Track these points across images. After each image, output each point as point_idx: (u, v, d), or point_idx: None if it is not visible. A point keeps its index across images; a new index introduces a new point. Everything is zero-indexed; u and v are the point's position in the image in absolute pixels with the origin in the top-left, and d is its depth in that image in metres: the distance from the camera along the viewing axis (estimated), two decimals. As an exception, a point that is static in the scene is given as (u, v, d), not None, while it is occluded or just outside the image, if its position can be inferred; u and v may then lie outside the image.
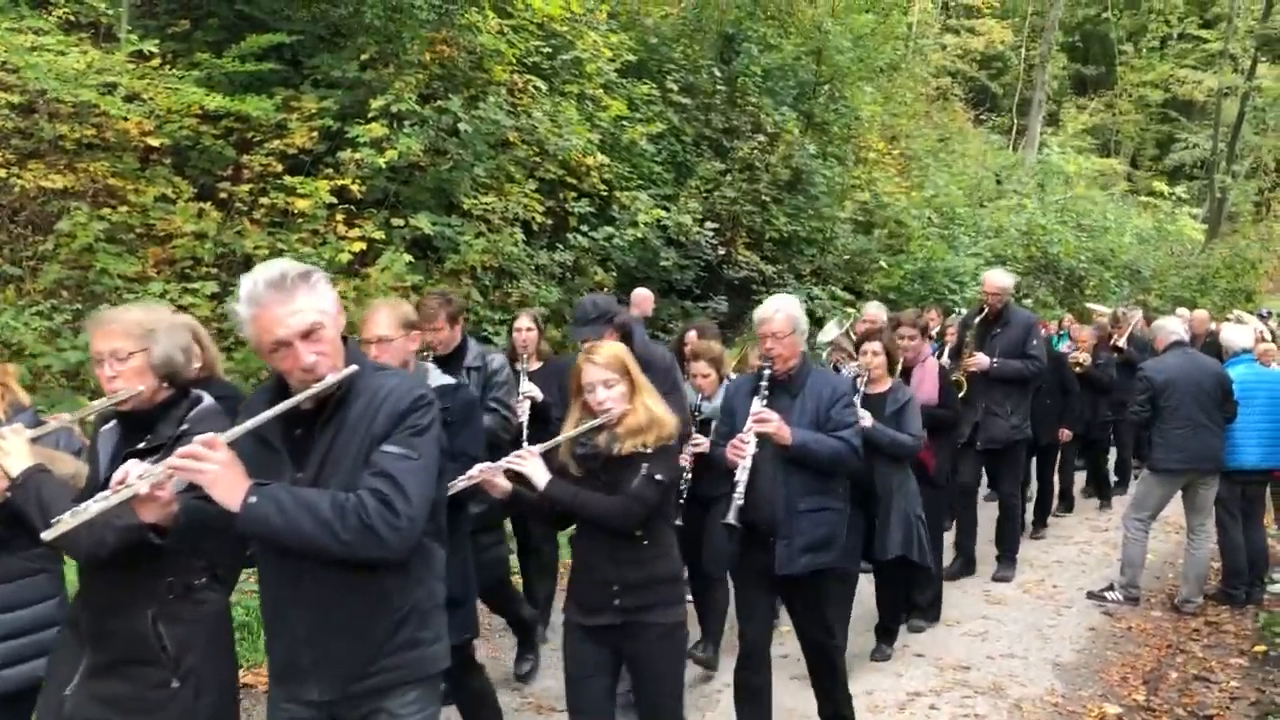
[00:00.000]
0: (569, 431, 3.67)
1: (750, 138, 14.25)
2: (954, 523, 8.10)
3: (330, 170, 9.12)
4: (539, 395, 5.66)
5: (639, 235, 11.45)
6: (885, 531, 5.73)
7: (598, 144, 11.47)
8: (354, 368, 2.65)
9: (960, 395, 7.37)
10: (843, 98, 17.22)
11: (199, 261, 8.15)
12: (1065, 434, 9.28)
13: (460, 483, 3.54)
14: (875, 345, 5.89)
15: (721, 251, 13.19)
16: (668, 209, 12.19)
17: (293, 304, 2.59)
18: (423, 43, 10.33)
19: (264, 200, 8.73)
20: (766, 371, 4.54)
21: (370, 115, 9.27)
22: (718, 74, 14.47)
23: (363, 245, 8.87)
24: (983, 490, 8.81)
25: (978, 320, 7.89)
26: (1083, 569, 8.31)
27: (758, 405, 4.43)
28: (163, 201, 8.31)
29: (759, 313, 4.67)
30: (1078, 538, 9.40)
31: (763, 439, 4.37)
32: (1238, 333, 8.04)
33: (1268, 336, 10.46)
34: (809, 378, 4.62)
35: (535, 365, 6.02)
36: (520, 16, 11.51)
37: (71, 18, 8.96)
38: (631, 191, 12.00)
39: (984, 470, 8.36)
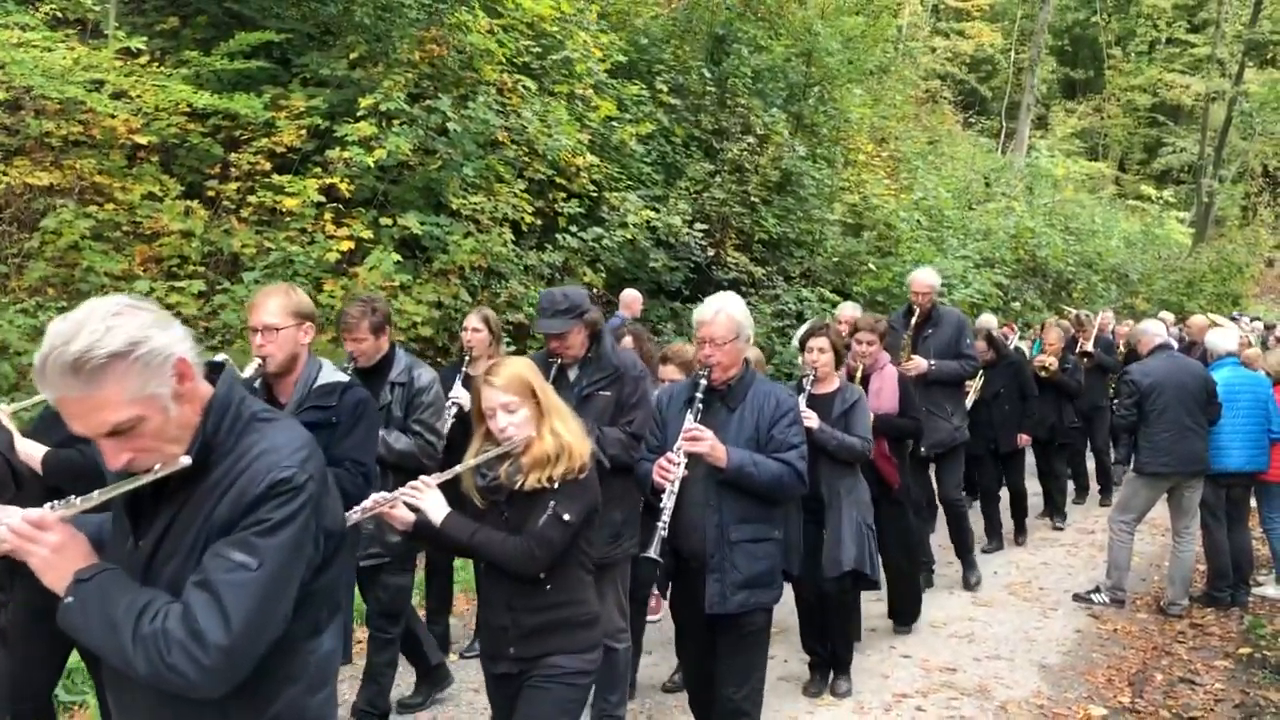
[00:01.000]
0: (468, 461, 3.32)
1: (740, 139, 14.24)
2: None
3: (318, 169, 9.08)
4: (467, 404, 5.00)
5: (628, 236, 11.43)
6: (837, 544, 5.30)
7: (587, 144, 11.45)
8: (181, 462, 2.00)
9: None
10: (832, 100, 17.23)
11: (186, 260, 8.11)
12: (1024, 439, 9.10)
13: (355, 515, 3.19)
14: (820, 342, 5.50)
15: (711, 253, 13.18)
16: (657, 210, 12.18)
17: (92, 398, 1.93)
18: (412, 42, 10.30)
19: (252, 199, 8.69)
20: (702, 381, 4.07)
21: (359, 114, 9.24)
22: (707, 75, 14.46)
23: (351, 244, 8.84)
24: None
25: (911, 322, 7.60)
26: (1069, 571, 8.33)
27: (690, 421, 3.98)
28: (150, 199, 8.27)
29: (697, 314, 4.22)
30: (1064, 540, 9.43)
31: (694, 459, 3.94)
32: (1223, 336, 8.08)
33: (1252, 340, 10.57)
34: (751, 389, 4.16)
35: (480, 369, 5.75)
36: (510, 16, 11.49)
37: (58, 14, 8.90)
38: (621, 192, 11.99)
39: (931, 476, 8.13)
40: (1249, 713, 5.63)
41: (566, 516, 3.20)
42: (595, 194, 11.63)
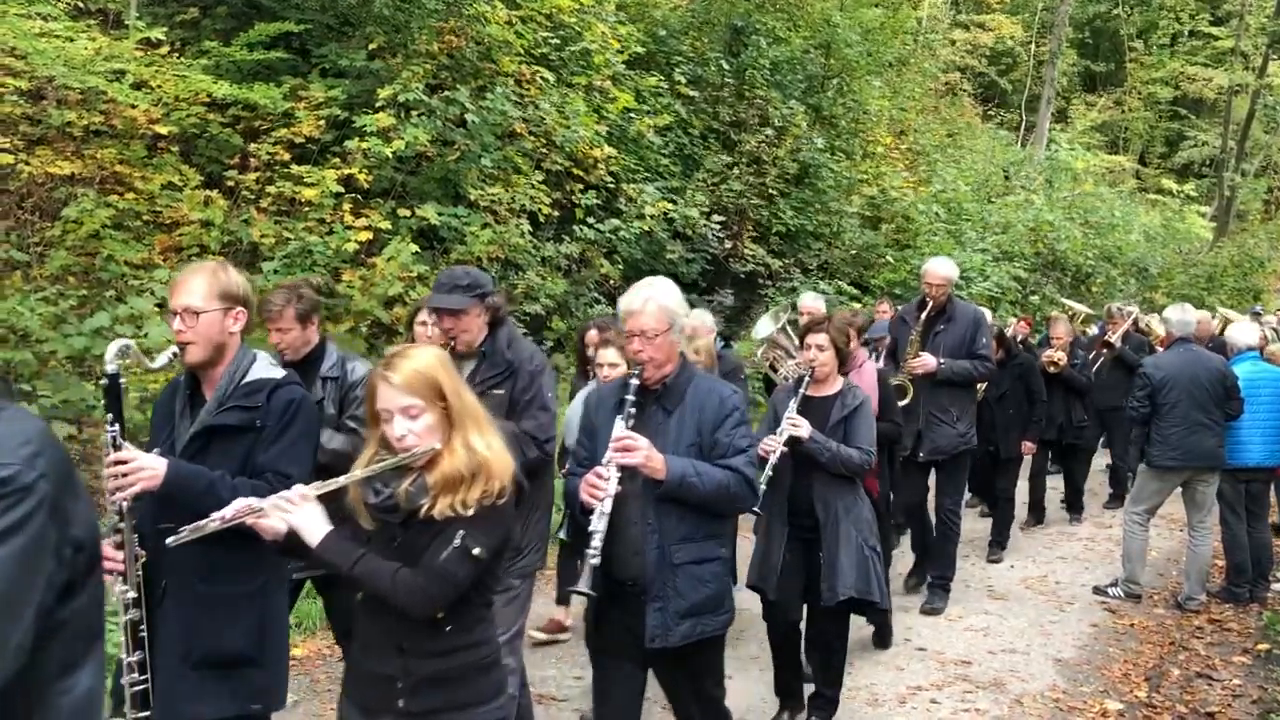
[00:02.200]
0: (357, 471, 2.72)
1: (758, 131, 14.22)
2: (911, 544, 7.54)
3: (337, 160, 9.12)
4: None
5: (645, 228, 11.45)
6: (833, 569, 4.71)
7: (605, 136, 11.47)
8: None
9: (903, 402, 6.64)
10: (851, 92, 17.18)
11: (205, 249, 8.16)
12: (1029, 446, 8.59)
13: (213, 522, 2.68)
14: (820, 338, 4.93)
15: (728, 245, 13.18)
16: (674, 202, 12.19)
17: None
18: (431, 33, 10.32)
19: (271, 189, 8.73)
20: (633, 382, 3.53)
21: (378, 105, 9.27)
22: (726, 67, 14.43)
23: (369, 235, 8.88)
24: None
25: (921, 316, 6.92)
26: (1086, 565, 8.30)
27: (620, 427, 3.43)
28: (170, 189, 8.32)
29: (623, 303, 3.69)
30: (1081, 534, 9.39)
31: (628, 471, 3.43)
32: (1243, 330, 8.01)
33: (1269, 335, 10.25)
34: (690, 387, 3.61)
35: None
36: (529, 7, 11.50)
37: (80, 4, 8.97)
38: (638, 184, 12.00)
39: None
40: (1267, 708, 5.60)
41: (476, 551, 2.61)
42: (612, 185, 11.64)
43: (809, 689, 5.16)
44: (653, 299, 3.58)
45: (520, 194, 10.28)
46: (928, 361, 6.72)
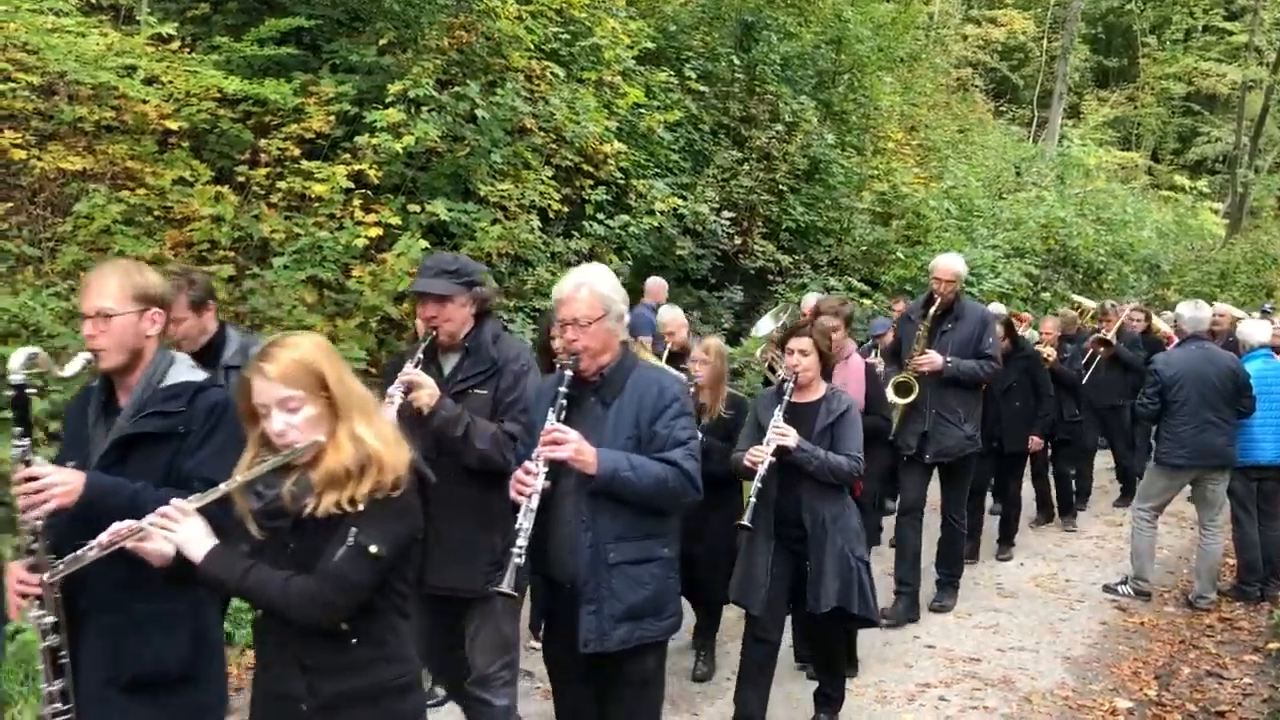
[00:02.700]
0: (237, 476, 2.50)
1: (768, 126, 14.20)
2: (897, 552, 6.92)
3: (347, 155, 9.12)
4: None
5: (655, 224, 11.43)
6: (819, 579, 4.61)
7: (615, 131, 11.45)
8: None
9: (908, 399, 6.56)
10: (862, 87, 17.14)
11: (216, 245, 8.17)
12: (1036, 442, 8.42)
13: (91, 551, 2.47)
14: (803, 342, 4.74)
15: (738, 241, 13.17)
16: (684, 198, 12.18)
17: None
18: (441, 28, 10.32)
19: (281, 184, 8.74)
20: (567, 373, 3.40)
21: (388, 101, 9.28)
22: (736, 62, 14.40)
23: (379, 231, 8.88)
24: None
25: (928, 314, 6.69)
26: (1096, 563, 8.28)
27: (551, 420, 3.30)
28: (180, 184, 8.33)
29: (555, 290, 3.54)
30: (1092, 532, 9.37)
31: (561, 467, 3.29)
32: (1255, 328, 7.98)
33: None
34: (631, 378, 3.46)
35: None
36: (539, 3, 11.49)
37: (91, 0, 8.98)
38: (648, 180, 11.98)
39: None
40: (1276, 707, 5.58)
41: (373, 549, 2.41)
42: (622, 181, 11.63)
43: (811, 686, 5.18)
44: (586, 284, 3.43)
45: (530, 190, 10.27)
46: (934, 359, 6.50)
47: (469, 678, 4.01)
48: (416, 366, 3.81)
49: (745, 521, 4.52)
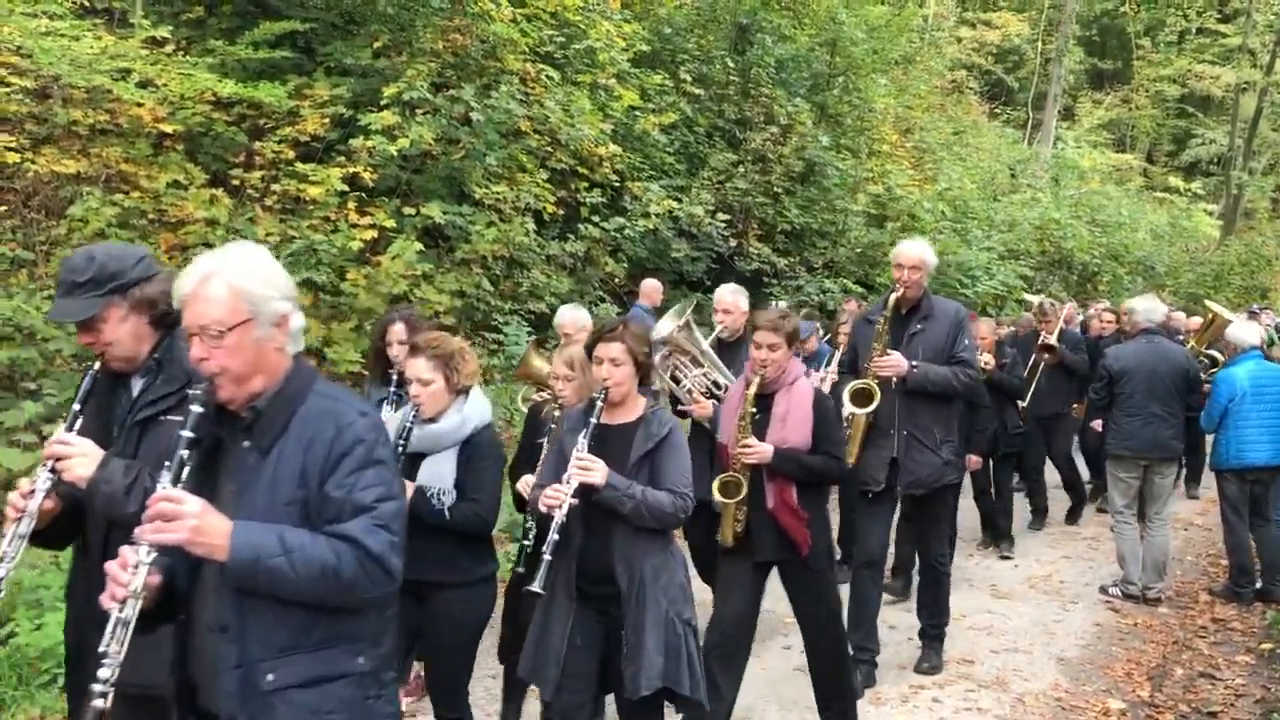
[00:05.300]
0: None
1: (763, 129, 14.23)
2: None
3: (342, 158, 9.14)
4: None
5: (650, 226, 11.46)
6: (638, 653, 3.55)
7: (610, 134, 11.48)
8: None
9: (867, 409, 5.30)
10: (857, 90, 17.17)
11: (210, 247, 8.14)
12: (974, 461, 7.52)
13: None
14: (613, 349, 3.66)
15: (733, 243, 13.18)
16: (679, 200, 12.20)
17: None
18: (436, 31, 10.34)
19: (276, 187, 8.76)
20: (194, 409, 2.31)
21: (383, 103, 9.29)
22: (731, 65, 14.44)
23: (374, 233, 8.90)
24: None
25: (890, 303, 5.47)
26: (1090, 565, 8.29)
27: (164, 482, 2.23)
28: (175, 187, 8.34)
29: (176, 286, 2.39)
30: (1085, 533, 9.37)
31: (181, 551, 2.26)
32: (1245, 330, 8.00)
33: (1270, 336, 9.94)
34: (300, 413, 2.38)
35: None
36: (533, 5, 11.52)
37: (85, 3, 8.99)
38: (643, 182, 12.01)
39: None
40: (1270, 708, 5.59)
41: None
42: (617, 184, 11.66)
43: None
44: (218, 276, 2.33)
45: (525, 192, 10.29)
46: (898, 362, 5.30)
47: None
48: (80, 409, 2.90)
49: (536, 587, 3.49)
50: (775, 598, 5.04)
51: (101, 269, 2.89)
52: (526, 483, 4.30)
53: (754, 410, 4.46)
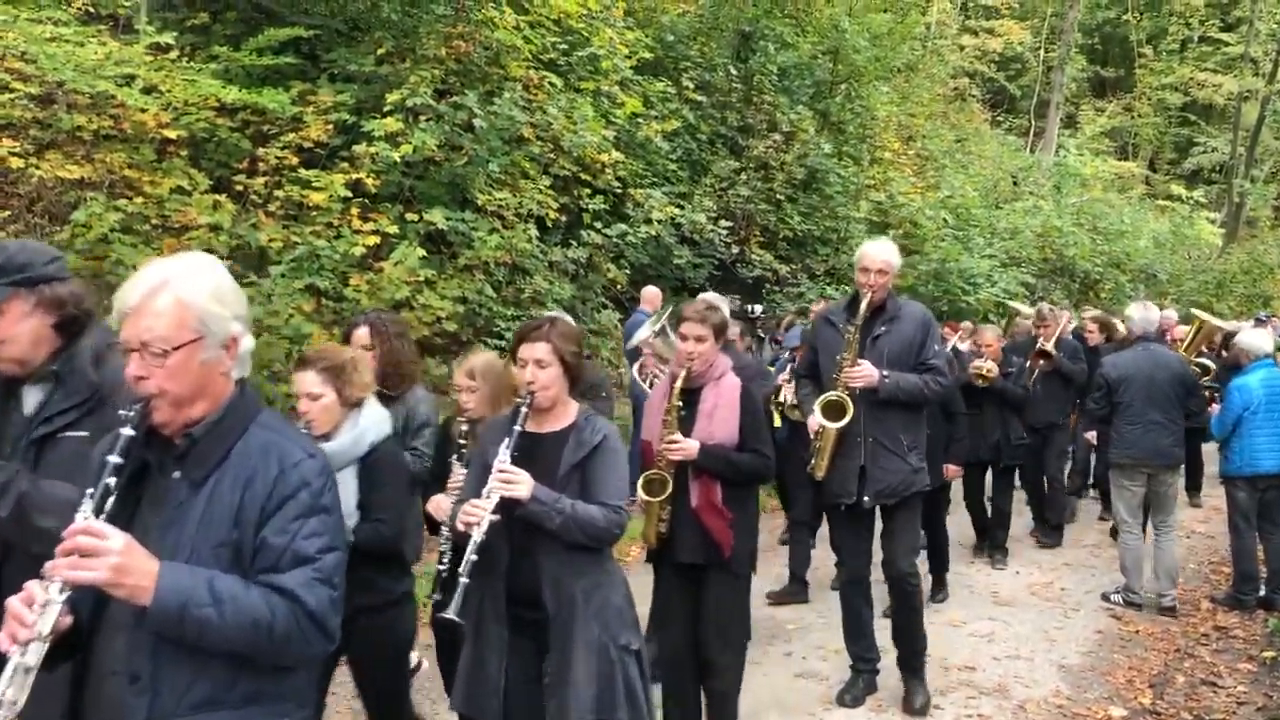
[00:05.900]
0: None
1: (765, 136, 14.27)
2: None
3: (345, 164, 9.15)
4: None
5: (653, 233, 11.49)
6: (563, 683, 3.24)
7: (612, 141, 11.50)
8: None
9: (840, 423, 5.07)
10: (859, 97, 17.22)
11: (213, 253, 8.17)
12: (952, 470, 7.22)
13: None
14: (538, 349, 3.35)
15: (735, 250, 13.22)
16: (682, 207, 12.23)
17: None
18: (439, 38, 10.37)
19: (279, 193, 8.77)
20: (124, 431, 2.07)
21: (386, 110, 9.31)
22: (734, 72, 14.48)
23: (377, 239, 8.90)
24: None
25: (857, 314, 5.18)
26: (1092, 572, 8.28)
27: (84, 513, 2.01)
28: (179, 193, 8.35)
29: (118, 297, 2.16)
30: (1087, 540, 9.36)
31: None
32: (1257, 337, 7.99)
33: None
34: (241, 444, 2.18)
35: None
36: (537, 13, 11.55)
37: (90, 9, 9.02)
38: (646, 189, 12.04)
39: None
40: (1271, 715, 5.59)
41: None
42: (620, 190, 11.68)
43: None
44: (167, 289, 2.11)
45: (528, 199, 10.31)
46: (869, 373, 5.05)
47: None
48: None
49: (451, 613, 3.18)
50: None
51: (10, 259, 2.67)
52: (437, 503, 4.15)
53: (680, 405, 4.30)
